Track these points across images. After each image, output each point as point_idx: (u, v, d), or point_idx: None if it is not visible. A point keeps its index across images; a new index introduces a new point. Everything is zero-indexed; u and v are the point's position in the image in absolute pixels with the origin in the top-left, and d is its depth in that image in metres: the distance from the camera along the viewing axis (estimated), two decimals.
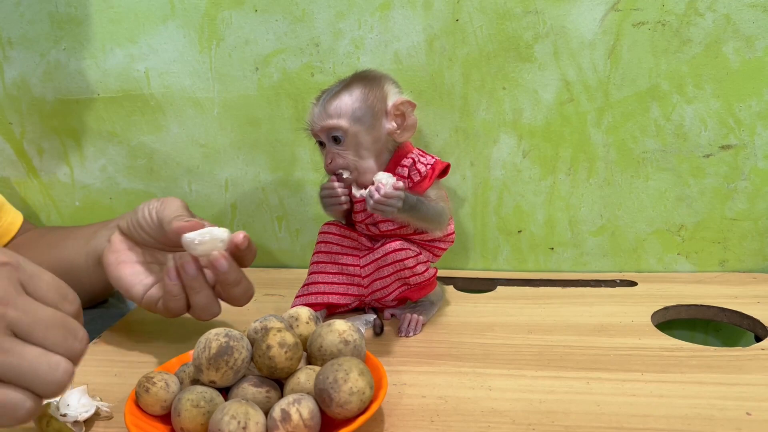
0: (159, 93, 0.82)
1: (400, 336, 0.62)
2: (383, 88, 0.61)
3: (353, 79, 0.61)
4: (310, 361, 0.50)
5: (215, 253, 0.52)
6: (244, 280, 0.55)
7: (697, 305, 0.68)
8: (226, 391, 0.47)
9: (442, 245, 0.66)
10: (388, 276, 0.63)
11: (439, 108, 0.77)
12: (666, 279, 0.75)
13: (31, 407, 0.35)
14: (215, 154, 0.84)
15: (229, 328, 0.47)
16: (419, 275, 0.62)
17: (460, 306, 0.69)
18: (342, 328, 0.49)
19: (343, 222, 0.68)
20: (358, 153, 0.60)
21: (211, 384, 0.46)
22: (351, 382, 0.43)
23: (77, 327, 0.38)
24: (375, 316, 0.65)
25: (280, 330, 0.47)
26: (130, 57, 0.82)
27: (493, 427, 0.46)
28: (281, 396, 0.46)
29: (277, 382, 0.48)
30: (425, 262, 0.63)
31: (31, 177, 0.89)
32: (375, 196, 0.55)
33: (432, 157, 0.63)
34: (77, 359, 0.37)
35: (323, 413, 0.44)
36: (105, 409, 0.49)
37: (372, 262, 0.64)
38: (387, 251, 0.62)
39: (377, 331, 0.63)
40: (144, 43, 0.81)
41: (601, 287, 0.73)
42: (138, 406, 0.47)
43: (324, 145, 0.62)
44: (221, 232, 0.53)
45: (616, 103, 0.73)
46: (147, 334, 0.66)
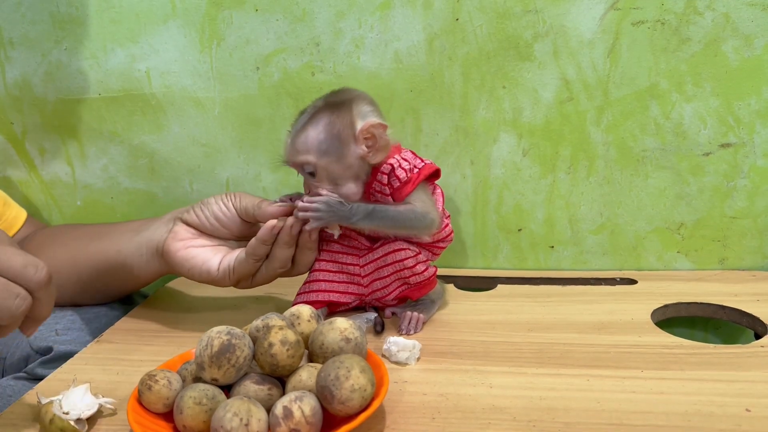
0: (160, 93, 0.83)
1: (400, 334, 0.62)
2: (351, 112, 0.59)
3: (321, 108, 0.59)
4: (311, 359, 0.50)
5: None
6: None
7: (697, 303, 0.68)
8: (228, 389, 0.47)
9: (441, 244, 0.66)
10: (388, 276, 0.63)
11: (439, 107, 0.77)
12: (666, 277, 0.75)
13: None
14: (216, 153, 0.84)
15: (231, 326, 0.48)
16: (419, 275, 0.62)
17: (460, 304, 0.69)
18: (343, 326, 0.49)
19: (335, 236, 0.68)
20: (333, 182, 0.60)
21: (214, 382, 0.46)
22: (352, 379, 0.43)
23: (38, 261, 0.42)
24: (376, 314, 0.65)
25: (281, 328, 0.47)
26: (131, 57, 0.82)
27: (494, 424, 0.46)
28: (283, 393, 0.46)
29: (279, 379, 0.48)
30: (425, 261, 0.63)
31: (33, 177, 0.90)
32: (299, 204, 0.58)
33: (421, 161, 0.62)
34: (36, 290, 0.42)
35: (325, 410, 0.44)
36: (108, 405, 0.49)
37: (371, 261, 0.64)
38: (386, 251, 0.62)
39: (378, 329, 0.63)
40: (145, 43, 0.81)
41: (601, 285, 0.74)
42: (140, 403, 0.47)
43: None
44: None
45: (615, 102, 0.74)
46: (149, 332, 0.66)
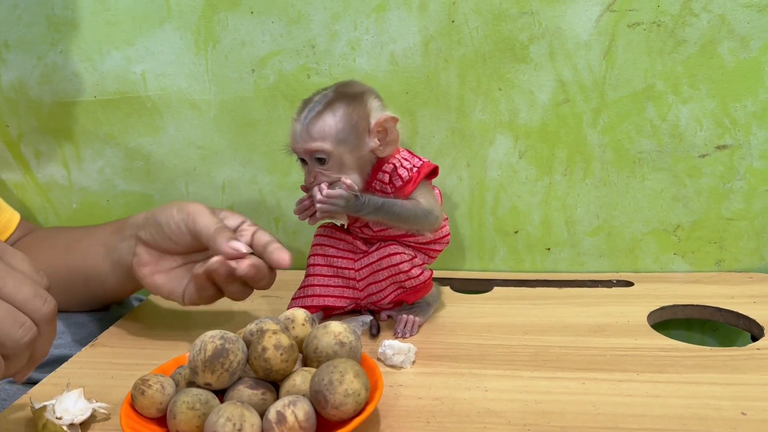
0: (156, 95, 0.83)
1: (396, 337, 0.62)
2: (366, 105, 0.60)
3: (336, 96, 0.59)
4: (305, 363, 0.50)
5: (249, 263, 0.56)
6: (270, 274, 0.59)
7: (694, 305, 0.68)
8: (221, 394, 0.47)
9: (437, 247, 0.66)
10: (383, 280, 0.63)
11: (435, 109, 0.77)
12: (662, 279, 0.75)
13: None
14: (212, 155, 0.84)
15: (225, 330, 0.47)
16: (414, 279, 0.62)
17: (456, 307, 0.69)
18: (337, 329, 0.49)
19: (339, 224, 0.68)
20: (341, 171, 0.60)
21: (207, 386, 0.46)
22: (346, 383, 0.43)
23: (47, 294, 0.40)
24: (371, 317, 0.65)
25: (275, 332, 0.47)
26: (126, 59, 0.82)
27: (489, 428, 0.46)
28: (277, 398, 0.46)
29: (273, 384, 0.48)
30: (420, 265, 0.63)
31: (28, 179, 0.90)
32: (317, 196, 0.57)
33: (420, 159, 0.62)
34: (42, 322, 0.40)
35: (319, 415, 0.44)
36: (102, 411, 0.49)
37: (367, 266, 0.64)
38: (381, 255, 0.62)
39: (373, 333, 0.63)
40: (140, 46, 0.81)
41: (598, 287, 0.74)
42: (134, 408, 0.47)
43: (305, 162, 0.61)
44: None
45: (611, 104, 0.73)
46: (143, 336, 0.66)
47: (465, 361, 0.56)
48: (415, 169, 0.61)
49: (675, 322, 0.75)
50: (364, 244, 0.65)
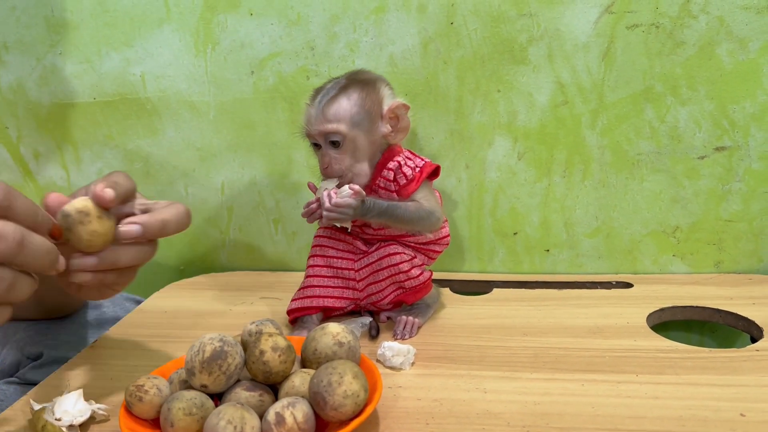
0: (155, 97, 0.83)
1: (395, 339, 0.62)
2: (379, 91, 0.61)
3: (349, 82, 0.61)
4: (304, 365, 0.50)
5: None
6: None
7: (693, 306, 0.68)
8: (215, 397, 0.47)
9: (436, 248, 0.66)
10: (383, 280, 0.63)
11: (434, 110, 0.77)
12: (661, 280, 0.75)
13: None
14: (211, 157, 0.84)
15: (224, 333, 0.47)
16: (414, 279, 0.62)
17: (455, 308, 0.69)
18: (336, 330, 0.49)
19: (338, 225, 0.68)
20: (354, 156, 0.60)
21: (203, 388, 0.45)
22: (345, 385, 0.43)
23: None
24: (371, 319, 0.65)
25: (271, 335, 0.47)
26: (125, 61, 0.82)
27: (488, 429, 0.46)
28: (274, 400, 0.46)
29: (270, 386, 0.47)
30: (420, 265, 0.63)
31: (28, 181, 0.89)
32: (326, 204, 0.57)
33: (422, 160, 0.63)
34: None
35: (318, 416, 0.44)
36: (101, 412, 0.49)
37: (367, 266, 0.64)
38: (381, 255, 0.62)
39: (373, 334, 0.63)
40: (139, 47, 0.81)
41: (597, 289, 0.74)
42: (131, 414, 0.47)
43: (318, 147, 0.62)
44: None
45: (610, 105, 0.74)
46: (142, 338, 0.66)
47: (464, 363, 0.56)
48: (418, 169, 0.62)
49: (674, 323, 0.75)
50: (363, 244, 0.65)
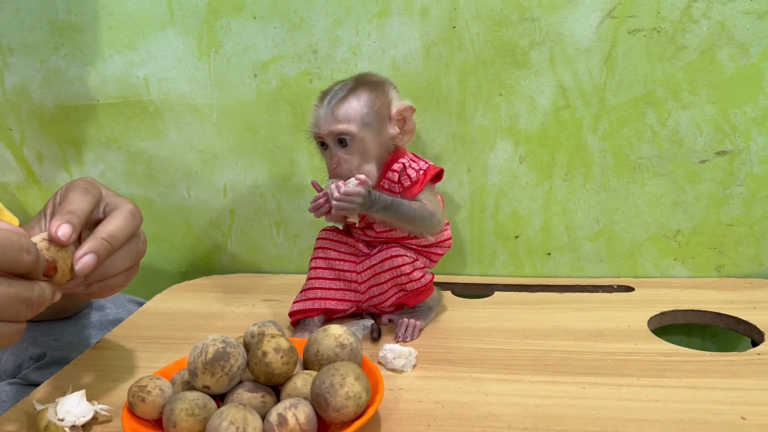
0: (158, 99, 0.83)
1: (397, 341, 0.62)
2: (388, 93, 0.62)
3: (358, 83, 0.61)
4: (306, 366, 0.50)
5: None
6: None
7: (694, 310, 0.68)
8: (217, 398, 0.47)
9: (438, 251, 0.66)
10: (385, 282, 0.63)
11: (436, 114, 0.77)
12: (662, 284, 0.75)
13: None
14: (214, 159, 0.85)
15: (226, 334, 0.47)
16: (416, 281, 0.63)
17: (457, 311, 0.69)
18: (338, 332, 0.49)
19: (342, 227, 0.68)
20: (363, 157, 0.61)
21: (205, 389, 0.46)
22: (347, 386, 0.43)
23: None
24: (372, 321, 0.65)
25: (273, 336, 0.47)
26: (129, 63, 0.82)
27: None
28: (276, 401, 0.46)
29: (273, 388, 0.48)
30: (422, 268, 0.63)
31: (31, 183, 0.90)
32: (335, 194, 0.57)
33: (425, 162, 0.64)
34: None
35: (320, 418, 0.44)
36: (104, 413, 0.49)
37: (369, 268, 0.64)
38: (384, 257, 0.63)
39: (375, 336, 0.63)
40: (143, 50, 0.81)
41: (598, 292, 0.74)
42: (134, 414, 0.47)
43: (325, 147, 0.62)
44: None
45: (611, 109, 0.74)
46: (144, 339, 0.66)
47: (465, 365, 0.57)
48: (422, 171, 0.62)
49: (675, 327, 0.75)
50: (365, 246, 0.65)
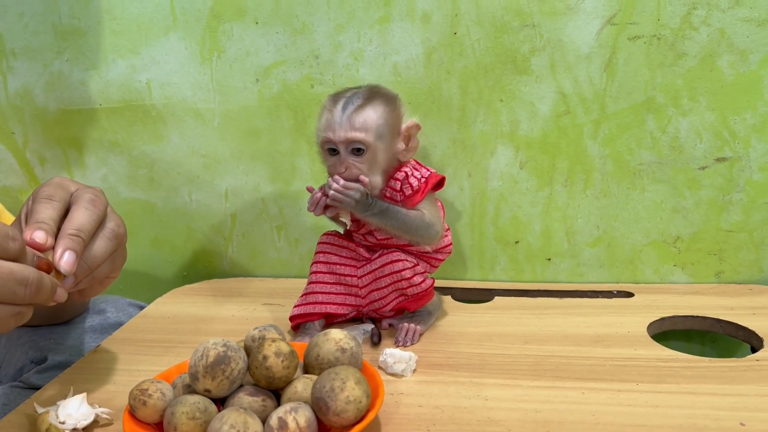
0: (160, 103, 0.83)
1: (397, 346, 0.62)
2: (399, 108, 0.62)
3: (373, 94, 0.61)
4: (307, 371, 0.50)
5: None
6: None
7: (693, 316, 0.68)
8: (220, 402, 0.47)
9: (439, 256, 0.66)
10: (385, 287, 0.63)
11: (437, 119, 0.77)
12: (662, 290, 0.76)
13: None
14: (215, 164, 0.85)
15: (227, 338, 0.48)
16: (416, 286, 0.63)
17: (457, 316, 0.69)
18: (338, 336, 0.49)
19: (343, 231, 0.68)
20: (371, 167, 0.61)
21: (206, 393, 0.46)
22: (347, 390, 0.43)
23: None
24: (373, 325, 0.65)
25: (274, 340, 0.47)
26: (131, 68, 0.82)
27: None
28: (277, 405, 0.46)
29: (273, 392, 0.48)
30: (422, 272, 0.64)
31: (33, 186, 0.90)
32: (333, 185, 0.58)
33: (427, 170, 0.64)
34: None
35: (320, 422, 0.44)
36: (105, 416, 0.49)
37: (369, 272, 0.64)
38: (384, 262, 0.63)
39: (375, 341, 0.63)
40: (146, 55, 0.82)
41: (598, 298, 0.74)
42: (135, 418, 0.47)
43: (332, 153, 0.61)
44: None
45: (612, 116, 0.74)
46: (145, 343, 0.66)
47: (465, 370, 0.57)
48: (424, 180, 0.62)
49: (675, 333, 0.75)
50: (366, 251, 0.65)
